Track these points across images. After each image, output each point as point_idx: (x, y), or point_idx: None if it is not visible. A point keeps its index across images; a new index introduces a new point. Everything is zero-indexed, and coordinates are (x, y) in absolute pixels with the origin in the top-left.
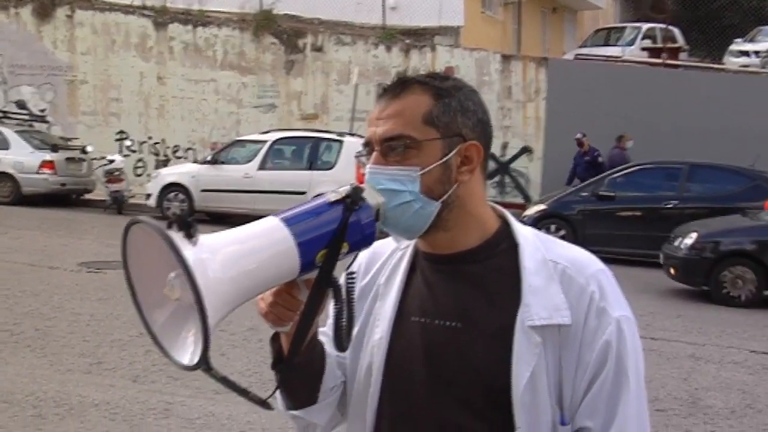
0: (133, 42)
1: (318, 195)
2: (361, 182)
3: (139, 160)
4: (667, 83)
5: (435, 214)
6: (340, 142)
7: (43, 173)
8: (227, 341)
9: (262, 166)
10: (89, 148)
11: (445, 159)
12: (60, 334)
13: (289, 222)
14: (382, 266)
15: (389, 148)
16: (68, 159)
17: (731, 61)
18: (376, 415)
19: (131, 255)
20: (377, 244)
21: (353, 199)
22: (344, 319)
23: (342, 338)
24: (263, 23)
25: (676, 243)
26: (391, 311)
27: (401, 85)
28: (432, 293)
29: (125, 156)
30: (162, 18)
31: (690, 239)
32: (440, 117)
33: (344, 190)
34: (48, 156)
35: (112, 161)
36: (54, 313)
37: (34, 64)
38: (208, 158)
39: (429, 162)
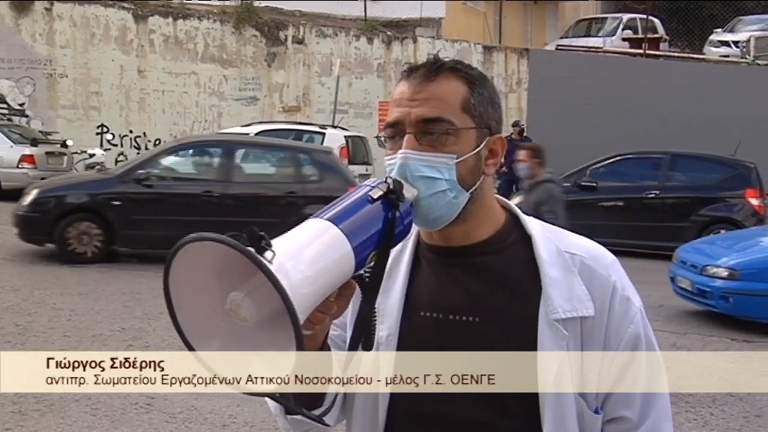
0: (113, 35)
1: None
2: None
3: (120, 153)
4: (647, 73)
5: (464, 204)
6: (323, 134)
7: (23, 167)
8: None
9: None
10: (69, 142)
11: (478, 149)
12: (41, 330)
13: (337, 223)
14: None
15: (426, 132)
16: (48, 153)
17: (711, 51)
18: (387, 414)
19: (175, 281)
20: None
21: (397, 196)
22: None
23: (371, 337)
24: (244, 15)
25: (21, 201)
26: (398, 307)
27: (435, 69)
28: (442, 287)
29: (106, 150)
30: (142, 11)
31: (31, 195)
32: (476, 106)
33: (383, 185)
34: (28, 150)
35: (92, 155)
36: (34, 309)
37: (13, 58)
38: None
39: (464, 150)
